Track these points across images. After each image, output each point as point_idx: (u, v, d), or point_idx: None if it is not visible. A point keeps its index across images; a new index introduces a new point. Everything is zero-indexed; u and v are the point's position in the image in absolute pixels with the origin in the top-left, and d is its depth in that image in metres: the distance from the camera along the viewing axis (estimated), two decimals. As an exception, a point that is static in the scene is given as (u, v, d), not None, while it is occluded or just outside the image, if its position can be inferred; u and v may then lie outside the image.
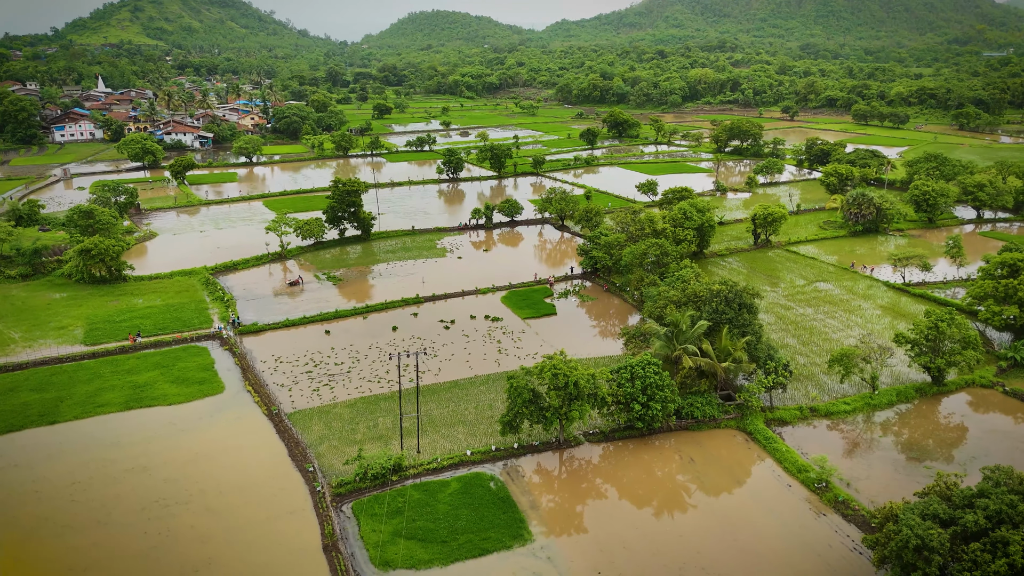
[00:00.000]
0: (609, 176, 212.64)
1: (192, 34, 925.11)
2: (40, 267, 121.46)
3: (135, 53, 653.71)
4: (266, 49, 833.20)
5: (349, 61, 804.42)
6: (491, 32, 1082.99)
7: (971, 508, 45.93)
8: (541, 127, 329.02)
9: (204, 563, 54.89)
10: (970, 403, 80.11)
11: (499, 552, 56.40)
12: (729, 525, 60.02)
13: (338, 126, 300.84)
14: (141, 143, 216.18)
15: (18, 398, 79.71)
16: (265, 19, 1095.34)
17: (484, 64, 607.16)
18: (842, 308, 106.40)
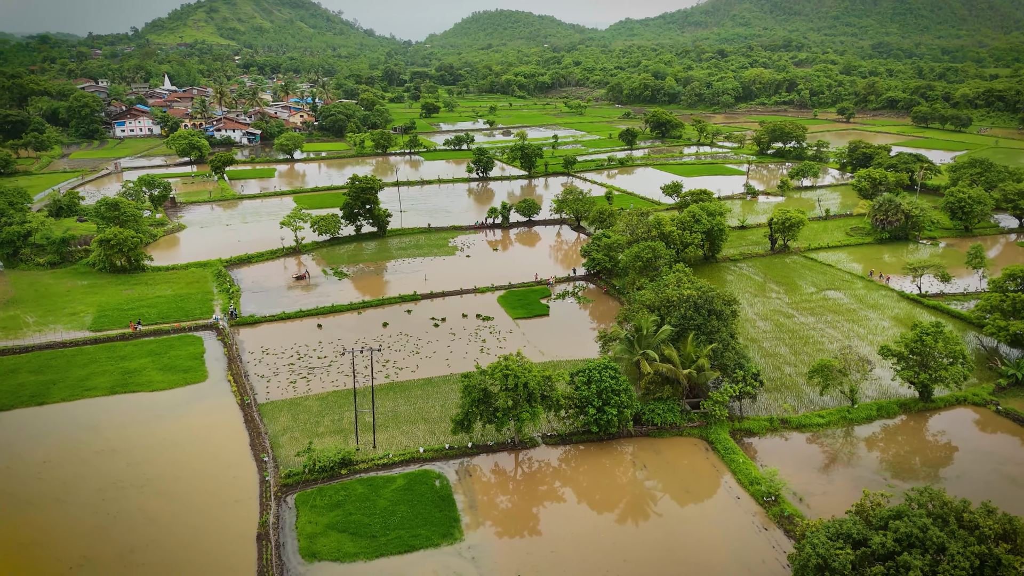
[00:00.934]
0: (642, 177, 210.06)
1: (262, 34, 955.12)
2: (68, 256, 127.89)
3: (205, 52, 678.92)
4: (331, 48, 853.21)
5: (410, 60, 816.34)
6: (553, 31, 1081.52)
7: (884, 529, 43.91)
8: (585, 127, 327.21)
9: (142, 544, 57.12)
10: (957, 421, 76.26)
11: (425, 550, 56.82)
12: (667, 535, 58.94)
13: (383, 124, 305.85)
14: (188, 139, 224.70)
15: (16, 379, 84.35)
16: (333, 19, 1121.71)
17: (541, 63, 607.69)
18: (847, 318, 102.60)
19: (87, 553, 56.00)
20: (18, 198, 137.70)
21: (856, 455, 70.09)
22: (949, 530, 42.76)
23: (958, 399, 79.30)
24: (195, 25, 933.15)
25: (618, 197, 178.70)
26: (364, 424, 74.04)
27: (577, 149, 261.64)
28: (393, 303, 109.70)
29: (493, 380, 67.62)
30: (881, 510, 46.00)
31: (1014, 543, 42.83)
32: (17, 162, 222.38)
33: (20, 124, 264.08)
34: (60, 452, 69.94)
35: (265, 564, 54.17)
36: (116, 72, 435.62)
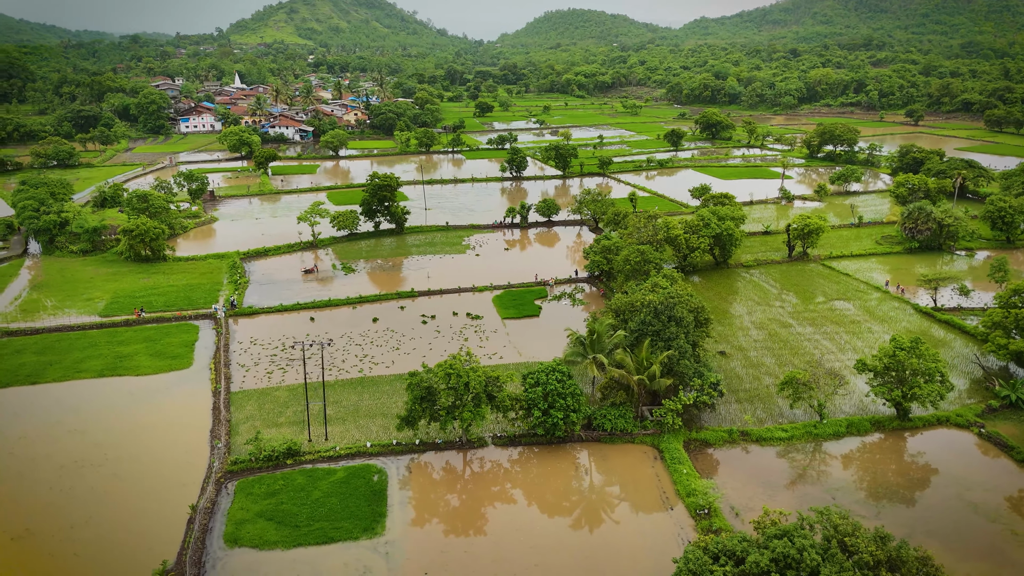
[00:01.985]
0: (682, 180, 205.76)
1: (338, 34, 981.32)
2: (100, 244, 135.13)
3: (280, 52, 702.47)
4: (401, 48, 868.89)
5: (478, 60, 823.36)
6: (624, 30, 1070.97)
7: (766, 548, 42.14)
8: (637, 127, 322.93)
9: (83, 521, 60.05)
10: (932, 443, 72.12)
11: (343, 542, 57.74)
12: (587, 543, 58.07)
13: (433, 123, 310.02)
14: (238, 135, 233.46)
15: (19, 359, 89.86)
16: (407, 19, 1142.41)
17: (606, 63, 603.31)
18: (848, 330, 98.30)
19: (31, 527, 59.28)
20: (60, 189, 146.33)
21: (811, 472, 67.28)
22: (829, 553, 40.68)
23: (939, 419, 75.00)
24: (275, 25, 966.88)
25: (647, 199, 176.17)
26: (326, 417, 75.67)
27: (622, 149, 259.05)
28: (390, 299, 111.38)
29: (437, 378, 67.98)
30: (772, 528, 44.12)
31: (899, 572, 40.38)
32: (81, 155, 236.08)
33: (92, 119, 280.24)
34: (37, 429, 74.21)
35: (185, 547, 56.17)
36: (191, 71, 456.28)
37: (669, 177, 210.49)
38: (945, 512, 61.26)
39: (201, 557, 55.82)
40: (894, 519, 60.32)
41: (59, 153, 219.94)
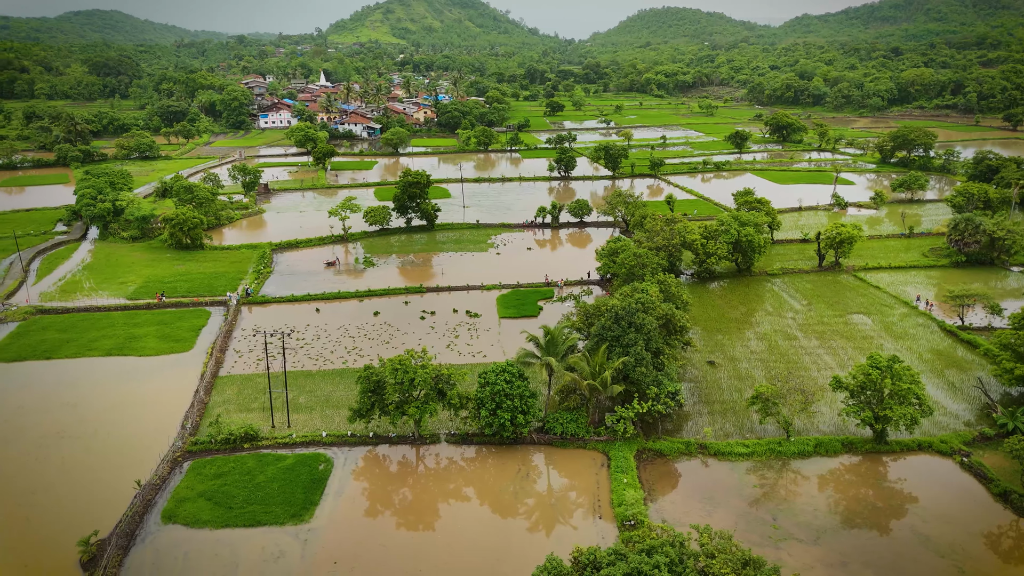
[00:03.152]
0: (737, 183, 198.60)
1: (431, 33, 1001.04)
2: (149, 231, 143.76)
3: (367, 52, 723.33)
4: (490, 47, 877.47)
5: (565, 59, 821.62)
6: (720, 29, 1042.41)
7: (602, 568, 40.88)
8: (707, 128, 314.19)
9: (43, 487, 64.60)
10: (906, 469, 67.44)
11: (268, 526, 59.67)
12: (499, 546, 57.57)
13: (500, 122, 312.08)
14: (304, 131, 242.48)
15: (42, 335, 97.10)
16: (500, 18, 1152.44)
17: (694, 62, 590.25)
18: (856, 346, 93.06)
19: None
20: (119, 179, 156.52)
21: (762, 491, 64.27)
22: (684, 572, 39.03)
23: (921, 444, 70.07)
24: (371, 25, 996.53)
25: (689, 202, 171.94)
26: (295, 405, 78.30)
27: (684, 151, 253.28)
28: (397, 294, 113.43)
29: (387, 373, 69.05)
30: (639, 544, 42.67)
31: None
32: (162, 148, 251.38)
33: (180, 114, 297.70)
34: (35, 401, 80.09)
35: (122, 520, 59.44)
36: (281, 69, 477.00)
37: (725, 180, 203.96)
38: (892, 543, 57.33)
39: (135, 531, 58.95)
40: (834, 546, 57.06)
41: (140, 145, 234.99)
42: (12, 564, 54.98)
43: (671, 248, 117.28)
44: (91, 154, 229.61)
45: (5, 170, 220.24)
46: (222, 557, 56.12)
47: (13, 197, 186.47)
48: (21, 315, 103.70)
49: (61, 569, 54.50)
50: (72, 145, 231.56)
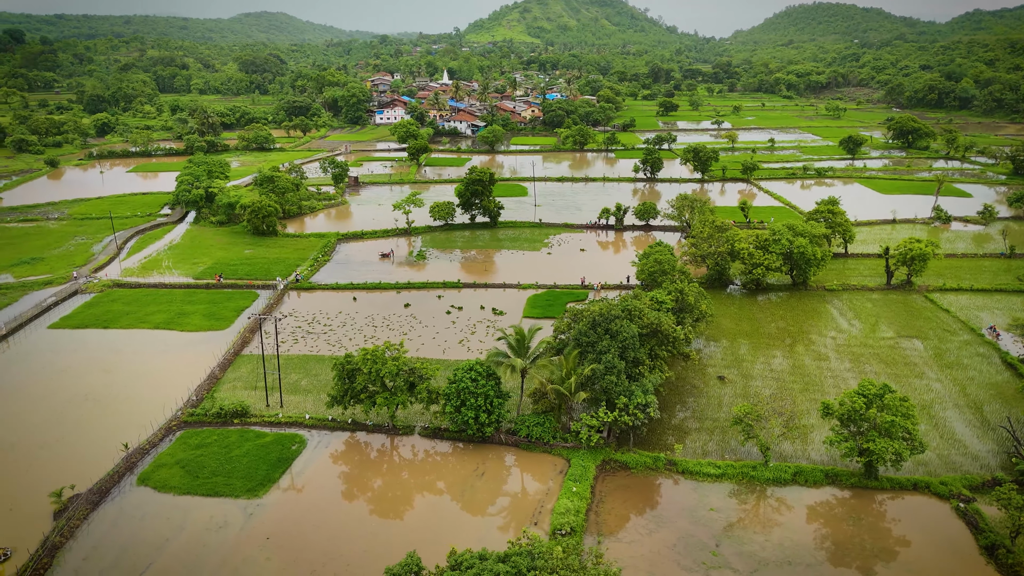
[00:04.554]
0: (839, 191, 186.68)
1: (565, 32, 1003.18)
2: (234, 217, 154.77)
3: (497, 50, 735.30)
4: (621, 46, 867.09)
5: (700, 57, 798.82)
6: (875, 25, 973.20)
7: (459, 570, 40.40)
8: (829, 132, 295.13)
9: (52, 441, 71.92)
10: (888, 510, 61.31)
11: (225, 497, 63.40)
12: (417, 540, 57.33)
13: (606, 121, 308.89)
14: (406, 127, 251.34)
15: (109, 307, 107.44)
16: (638, 16, 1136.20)
17: (837, 61, 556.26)
18: (893, 372, 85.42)
19: (15, 441, 72.19)
20: (217, 168, 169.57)
21: (716, 515, 60.69)
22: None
23: (917, 484, 63.47)
24: (508, 25, 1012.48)
25: (773, 210, 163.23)
26: (297, 388, 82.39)
27: (791, 155, 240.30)
28: (434, 287, 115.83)
29: (360, 362, 71.21)
30: (468, 555, 41.93)
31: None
32: (279, 140, 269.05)
33: (303, 109, 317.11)
34: (79, 364, 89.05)
35: (104, 478, 65.21)
36: (408, 67, 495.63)
37: (826, 188, 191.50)
38: (836, 587, 52.59)
39: (110, 489, 64.53)
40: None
41: (258, 138, 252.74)
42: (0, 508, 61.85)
43: (717, 256, 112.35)
44: (215, 144, 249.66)
45: (142, 157, 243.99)
46: (172, 521, 60.33)
47: (143, 181, 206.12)
48: (100, 287, 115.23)
49: (37, 516, 60.60)
50: (200, 136, 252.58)
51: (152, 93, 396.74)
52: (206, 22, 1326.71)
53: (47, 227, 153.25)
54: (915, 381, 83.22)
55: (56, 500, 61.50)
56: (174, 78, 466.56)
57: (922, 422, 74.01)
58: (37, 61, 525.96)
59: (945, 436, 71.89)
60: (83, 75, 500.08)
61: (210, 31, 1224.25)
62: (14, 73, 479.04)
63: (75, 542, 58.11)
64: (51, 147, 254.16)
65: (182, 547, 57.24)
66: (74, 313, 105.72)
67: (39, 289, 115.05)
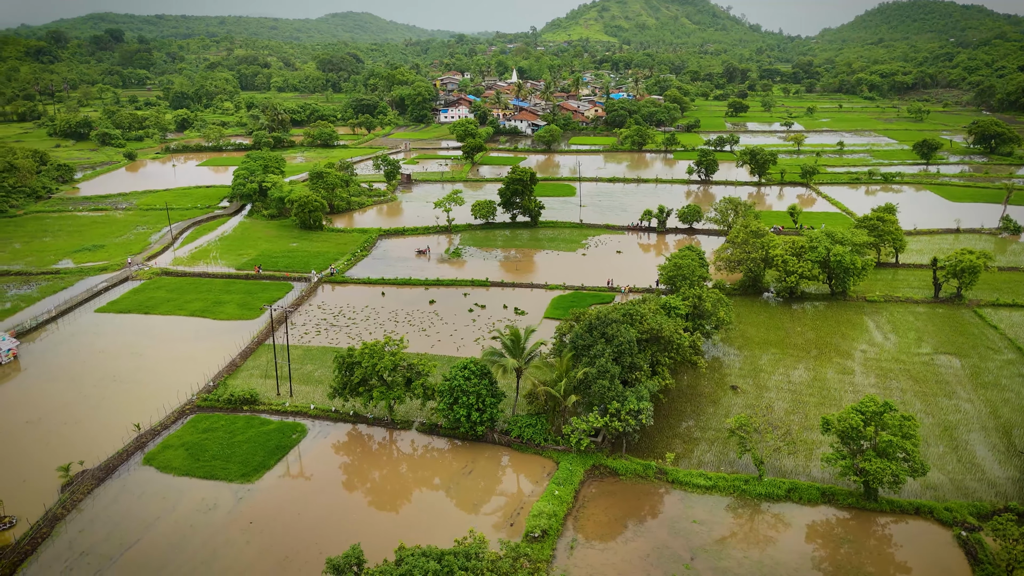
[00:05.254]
0: (905, 198, 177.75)
1: (643, 31, 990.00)
2: (285, 211, 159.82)
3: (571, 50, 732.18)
4: (700, 45, 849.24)
5: (782, 57, 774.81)
6: (975, 23, 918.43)
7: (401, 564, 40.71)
8: (906, 135, 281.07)
9: (73, 419, 76.12)
10: (886, 535, 58.11)
11: (219, 480, 65.78)
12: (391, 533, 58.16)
13: (670, 122, 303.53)
14: (464, 126, 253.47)
15: (153, 293, 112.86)
16: (719, 15, 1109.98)
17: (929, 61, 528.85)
18: (922, 390, 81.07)
19: (41, 416, 76.82)
20: (273, 163, 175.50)
21: (698, 527, 58.99)
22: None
23: (920, 508, 59.98)
24: (585, 24, 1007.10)
25: (829, 216, 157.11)
26: (311, 378, 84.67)
27: (861, 159, 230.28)
28: (462, 285, 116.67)
29: (358, 356, 72.53)
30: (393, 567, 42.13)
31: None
32: (344, 137, 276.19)
33: (370, 107, 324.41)
34: (115, 347, 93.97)
35: (113, 456, 68.68)
36: (479, 66, 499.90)
37: (891, 194, 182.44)
38: (807, 612, 50.34)
39: (117, 467, 67.93)
40: (738, 601, 51.35)
41: (322, 134, 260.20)
42: (14, 479, 65.98)
43: (750, 262, 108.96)
44: (281, 140, 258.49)
45: (213, 151, 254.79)
46: (168, 501, 63.04)
47: (210, 175, 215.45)
48: (148, 275, 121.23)
49: (47, 489, 64.35)
50: (267, 132, 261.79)
51: (233, 90, 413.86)
52: (294, 22, 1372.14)
53: (114, 216, 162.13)
54: (942, 400, 78.63)
55: (64, 474, 65.23)
56: (256, 76, 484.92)
57: (940, 444, 70.18)
58: (133, 59, 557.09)
59: (963, 460, 67.68)
60: (173, 73, 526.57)
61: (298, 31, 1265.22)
62: (111, 71, 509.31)
63: (76, 515, 61.48)
64: (133, 141, 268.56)
65: (170, 526, 59.75)
66: (121, 298, 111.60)
67: (95, 275, 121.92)
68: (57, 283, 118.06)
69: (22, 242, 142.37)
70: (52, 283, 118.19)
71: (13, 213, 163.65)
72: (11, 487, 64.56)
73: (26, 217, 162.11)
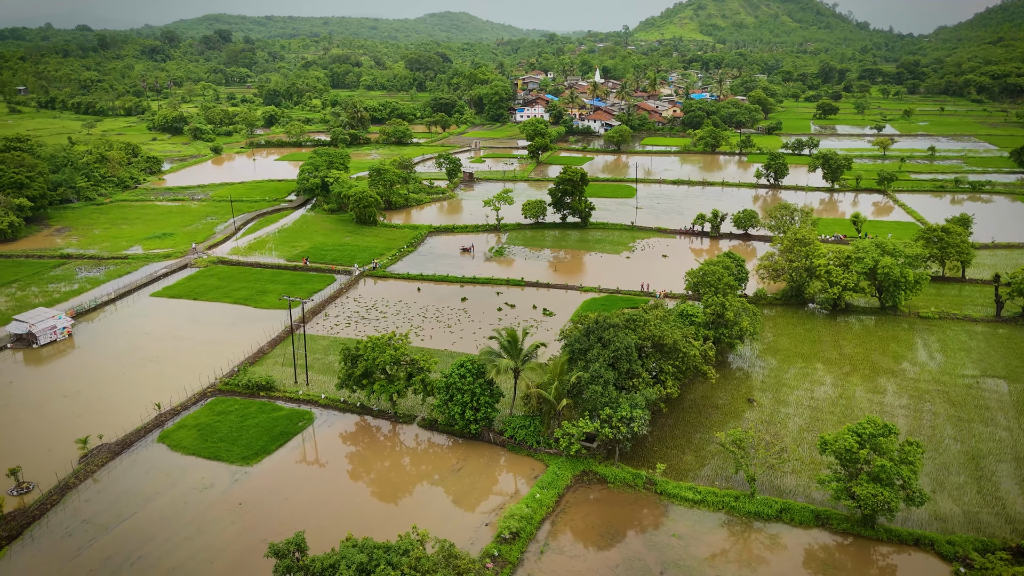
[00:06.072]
0: (994, 208, 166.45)
1: (741, 30, 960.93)
2: (343, 206, 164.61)
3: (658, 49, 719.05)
4: (797, 44, 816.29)
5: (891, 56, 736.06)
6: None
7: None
8: (1009, 141, 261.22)
9: (104, 396, 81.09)
10: (875, 565, 54.57)
11: (221, 462, 68.73)
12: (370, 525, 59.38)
13: (751, 123, 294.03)
14: (533, 125, 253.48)
15: (205, 280, 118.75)
16: (823, 12, 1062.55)
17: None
18: (955, 414, 75.81)
19: (79, 390, 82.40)
20: (337, 159, 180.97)
21: (676, 542, 57.16)
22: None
23: (920, 540, 56.03)
24: (679, 23, 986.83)
25: (899, 225, 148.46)
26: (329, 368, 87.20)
27: (952, 166, 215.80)
28: (497, 284, 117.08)
29: (362, 349, 74.11)
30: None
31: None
32: (418, 135, 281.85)
33: (448, 106, 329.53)
34: (160, 329, 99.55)
35: (131, 432, 72.91)
36: (563, 66, 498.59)
37: (982, 204, 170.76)
38: (769, 639, 47.96)
39: (134, 442, 72.06)
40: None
41: (396, 132, 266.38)
42: (40, 448, 71.00)
43: (792, 272, 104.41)
44: (357, 137, 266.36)
45: (293, 147, 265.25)
46: (170, 477, 66.43)
47: (286, 169, 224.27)
48: (205, 263, 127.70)
49: (66, 460, 68.92)
50: (344, 129, 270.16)
51: (323, 88, 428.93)
52: (393, 22, 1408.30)
53: (189, 206, 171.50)
54: (977, 427, 73.03)
55: (82, 446, 69.76)
56: (346, 75, 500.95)
57: (962, 473, 65.37)
58: (237, 58, 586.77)
59: (984, 492, 62.70)
60: (272, 71, 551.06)
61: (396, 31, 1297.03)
62: (216, 69, 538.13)
63: (89, 484, 65.69)
64: (222, 136, 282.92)
65: (166, 502, 62.95)
66: (175, 284, 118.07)
67: (158, 261, 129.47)
68: (123, 267, 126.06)
69: (102, 228, 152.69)
70: (119, 267, 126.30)
71: (101, 201, 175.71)
72: (36, 455, 69.51)
73: (111, 205, 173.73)
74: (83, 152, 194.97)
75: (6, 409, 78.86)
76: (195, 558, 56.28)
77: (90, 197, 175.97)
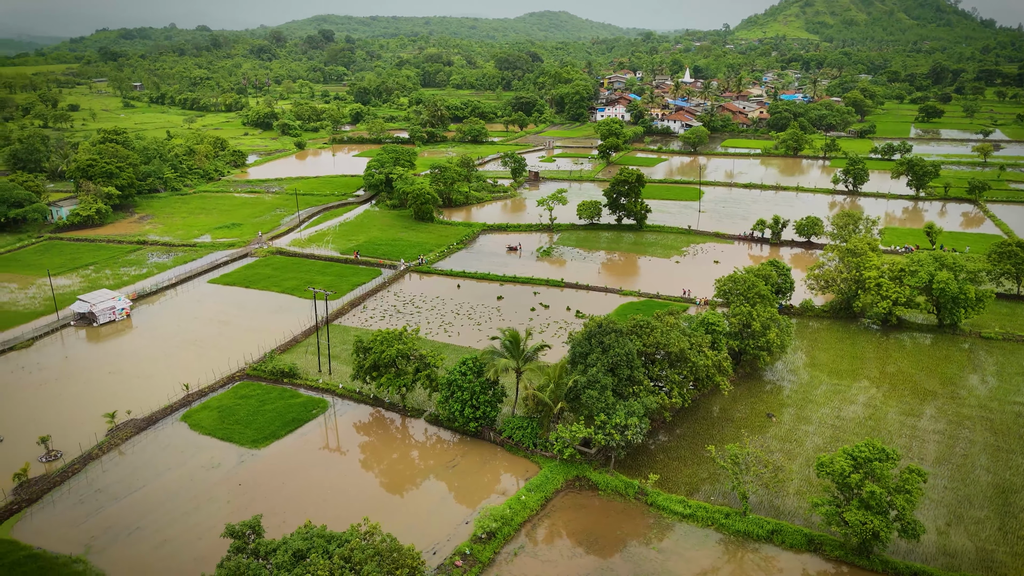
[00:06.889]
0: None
1: (851, 27, 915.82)
2: (404, 202, 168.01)
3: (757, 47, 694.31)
4: (911, 43, 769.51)
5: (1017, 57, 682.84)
6: None
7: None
8: None
9: (145, 374, 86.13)
10: (862, 598, 51.22)
11: (232, 443, 71.87)
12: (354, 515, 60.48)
13: (842, 126, 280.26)
14: (608, 125, 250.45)
15: (260, 270, 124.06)
16: (944, 8, 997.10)
17: None
18: (991, 443, 70.12)
19: (122, 368, 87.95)
20: (404, 156, 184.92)
21: (653, 555, 55.52)
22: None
23: (917, 573, 52.05)
24: (784, 20, 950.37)
25: (985, 238, 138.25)
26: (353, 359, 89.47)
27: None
28: (537, 284, 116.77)
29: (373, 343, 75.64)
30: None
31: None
32: (496, 134, 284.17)
33: (528, 104, 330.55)
34: (209, 314, 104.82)
35: (158, 411, 77.28)
36: (651, 65, 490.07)
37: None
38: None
39: (159, 419, 76.35)
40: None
41: (472, 131, 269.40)
42: (75, 420, 76.14)
43: (841, 283, 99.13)
44: (434, 135, 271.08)
45: (373, 143, 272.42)
46: (184, 455, 70.04)
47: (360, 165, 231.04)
48: (264, 253, 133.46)
49: (97, 432, 73.73)
50: (422, 127, 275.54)
51: (412, 87, 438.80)
52: (493, 21, 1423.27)
53: (263, 199, 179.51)
54: (1017, 459, 67.26)
55: (110, 420, 74.47)
56: (437, 73, 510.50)
57: (986, 507, 60.50)
58: (337, 57, 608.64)
59: (1006, 529, 57.72)
60: (368, 70, 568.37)
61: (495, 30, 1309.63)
62: (315, 68, 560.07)
63: (113, 456, 70.14)
64: (309, 131, 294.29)
65: (174, 478, 66.42)
66: (233, 272, 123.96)
67: (223, 249, 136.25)
68: (190, 254, 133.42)
69: (181, 217, 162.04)
70: (187, 254, 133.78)
71: (185, 191, 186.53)
72: (71, 426, 74.66)
73: (194, 195, 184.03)
74: (175, 145, 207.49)
75: (56, 382, 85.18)
76: (187, 533, 59.16)
77: (176, 188, 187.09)
